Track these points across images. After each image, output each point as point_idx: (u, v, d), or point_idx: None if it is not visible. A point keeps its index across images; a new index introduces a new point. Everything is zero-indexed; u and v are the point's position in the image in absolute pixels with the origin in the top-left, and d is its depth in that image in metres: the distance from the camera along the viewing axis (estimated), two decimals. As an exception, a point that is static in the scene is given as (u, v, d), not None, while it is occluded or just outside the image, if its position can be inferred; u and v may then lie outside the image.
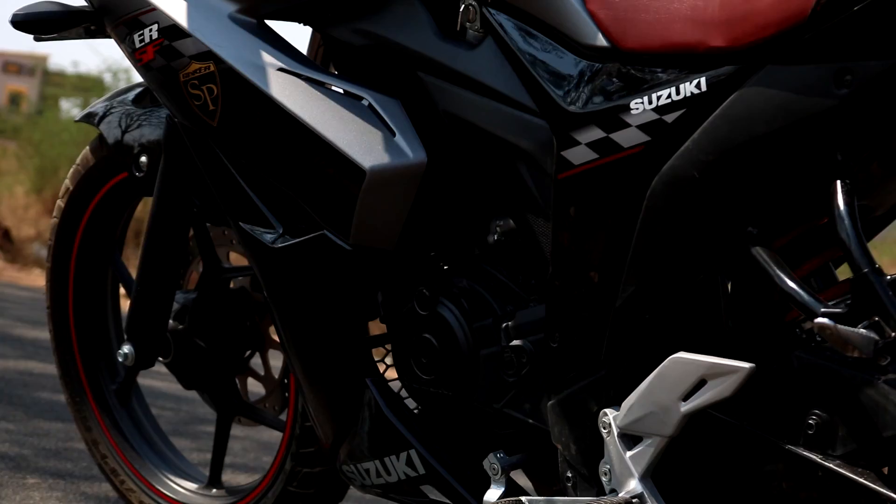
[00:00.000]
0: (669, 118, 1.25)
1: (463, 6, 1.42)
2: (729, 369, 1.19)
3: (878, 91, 1.14)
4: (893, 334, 1.11)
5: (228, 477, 1.96)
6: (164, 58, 1.61)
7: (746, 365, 1.18)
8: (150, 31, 1.62)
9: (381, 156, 1.46)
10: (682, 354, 1.22)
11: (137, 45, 1.65)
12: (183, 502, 1.92)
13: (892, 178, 1.24)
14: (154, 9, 1.62)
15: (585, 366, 1.34)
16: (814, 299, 1.17)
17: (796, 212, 1.25)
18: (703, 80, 1.23)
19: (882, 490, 1.14)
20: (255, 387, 1.88)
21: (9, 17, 1.80)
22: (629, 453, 1.27)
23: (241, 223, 1.61)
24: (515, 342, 1.40)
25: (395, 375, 1.56)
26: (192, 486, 1.95)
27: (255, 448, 2.59)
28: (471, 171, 1.46)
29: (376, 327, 1.59)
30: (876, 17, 1.12)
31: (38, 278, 6.56)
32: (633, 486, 1.26)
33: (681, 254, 1.27)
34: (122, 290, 2.07)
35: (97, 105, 1.99)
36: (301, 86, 1.52)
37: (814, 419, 1.19)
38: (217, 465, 1.94)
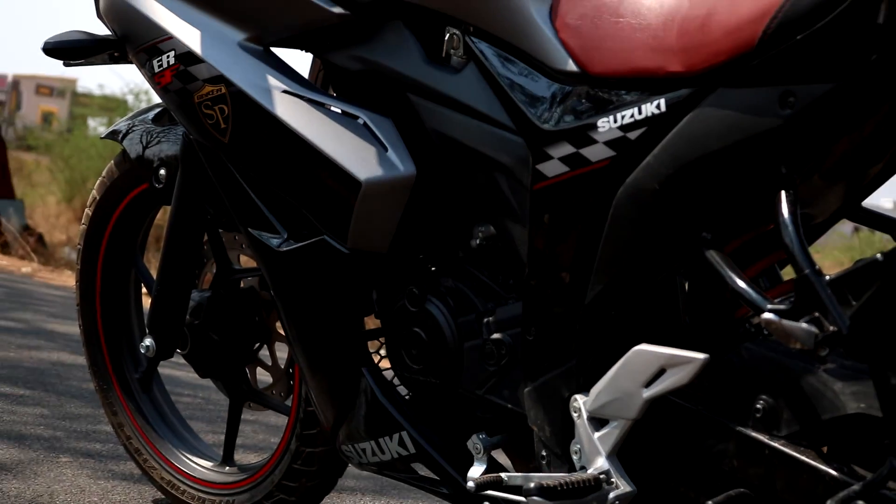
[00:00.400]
0: (633, 135, 1.25)
1: (448, 35, 1.43)
2: (686, 359, 1.20)
3: (818, 112, 1.15)
4: (832, 328, 1.11)
5: (240, 456, 1.96)
6: (181, 81, 1.61)
7: (701, 355, 1.19)
8: (168, 57, 1.62)
9: (375, 169, 1.46)
10: (644, 346, 1.23)
11: (156, 69, 1.64)
12: (199, 478, 1.92)
13: (831, 189, 1.25)
14: (171, 37, 1.62)
15: (558, 356, 1.34)
16: (761, 297, 1.17)
17: (746, 219, 1.25)
18: (662, 101, 1.23)
19: (821, 467, 1.14)
20: (263, 375, 1.88)
21: (42, 45, 1.80)
22: (597, 434, 1.27)
23: (249, 229, 1.61)
24: (496, 335, 1.40)
25: (389, 365, 1.56)
26: (207, 463, 1.94)
27: (264, 430, 2.59)
28: (455, 182, 1.46)
29: (371, 322, 1.59)
30: (816, 46, 1.13)
31: (68, 279, 6.55)
32: (601, 463, 1.26)
33: (643, 256, 1.27)
34: (143, 290, 2.07)
35: (121, 123, 1.99)
36: (303, 106, 1.52)
37: (761, 404, 1.19)
38: (230, 445, 1.94)
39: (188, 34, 1.60)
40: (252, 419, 2.54)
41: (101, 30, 1.80)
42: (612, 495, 1.24)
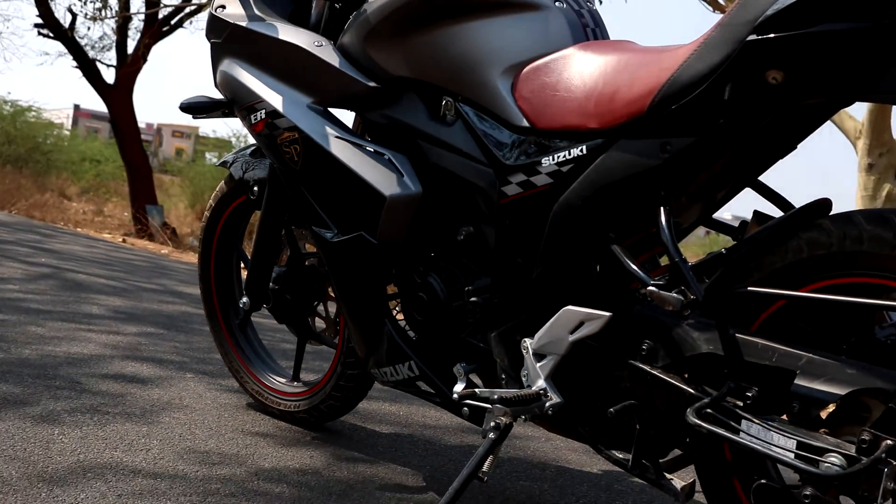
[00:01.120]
0: (564, 169, 1.25)
1: (444, 101, 1.42)
2: (597, 316, 1.20)
3: (685, 155, 1.15)
4: (692, 297, 1.12)
5: (303, 375, 1.96)
6: (269, 129, 1.60)
7: (607, 313, 1.20)
8: (261, 113, 1.62)
9: (395, 188, 1.46)
10: (570, 307, 1.23)
11: (253, 121, 1.64)
12: (277, 389, 1.92)
13: (693, 206, 1.25)
14: (262, 100, 1.61)
15: (513, 313, 1.34)
16: (647, 276, 1.17)
17: (637, 224, 1.25)
18: (584, 147, 1.23)
19: (684, 387, 1.15)
20: (319, 323, 1.88)
21: (178, 104, 1.81)
22: (538, 364, 1.27)
23: (312, 227, 1.60)
24: (473, 298, 1.40)
25: (402, 317, 1.56)
26: (282, 380, 1.94)
27: (320, 359, 2.59)
28: (447, 197, 1.46)
29: (391, 289, 1.59)
30: (684, 113, 1.13)
31: (192, 258, 6.53)
32: (541, 383, 1.26)
33: (570, 248, 1.27)
34: (242, 266, 2.06)
35: (228, 156, 1.98)
36: (348, 146, 1.52)
37: (646, 345, 1.20)
38: (297, 368, 1.94)
39: (274, 98, 1.60)
40: (312, 351, 2.53)
41: (216, 94, 1.79)
42: (547, 404, 1.25)
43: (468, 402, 1.37)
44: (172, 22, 9.77)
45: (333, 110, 1.61)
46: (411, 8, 1.42)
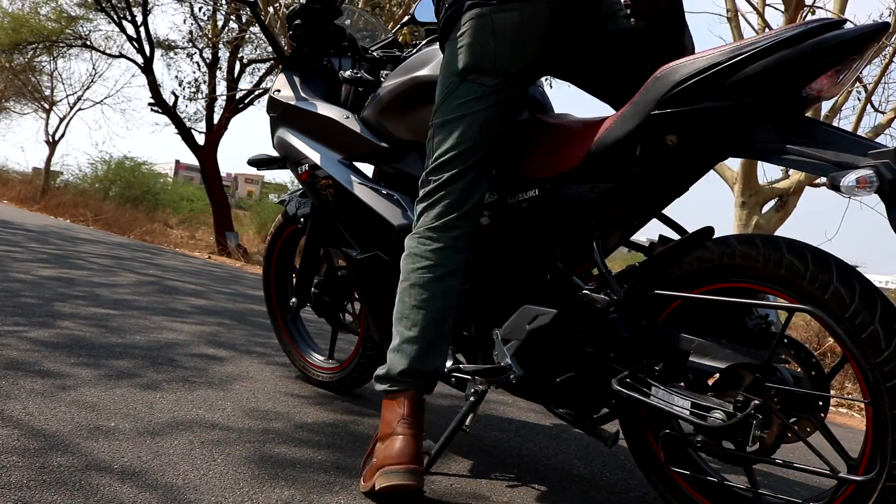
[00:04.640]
0: (524, 205, 1.25)
1: None
2: (547, 312, 1.19)
3: (609, 195, 1.15)
4: (615, 298, 1.11)
5: (336, 354, 1.94)
6: (311, 178, 1.60)
7: (554, 310, 1.18)
8: (305, 166, 1.61)
9: (401, 220, 1.45)
10: (528, 305, 1.22)
11: (299, 172, 1.63)
12: (317, 365, 1.90)
13: (615, 232, 1.23)
14: (306, 157, 1.60)
15: (487, 310, 1.33)
16: (582, 283, 1.16)
17: (575, 245, 1.24)
18: (537, 189, 1.23)
19: (608, 362, 1.13)
20: (348, 317, 1.86)
21: (247, 160, 1.80)
22: (505, 347, 1.26)
23: (342, 248, 1.59)
24: (458, 299, 1.38)
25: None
26: (321, 357, 1.92)
27: (348, 342, 2.57)
28: None
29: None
30: (607, 164, 1.13)
31: (258, 270, 6.49)
32: (507, 361, 1.25)
33: (527, 262, 1.26)
34: (293, 276, 2.05)
35: (284, 197, 1.97)
36: (368, 190, 1.51)
37: (583, 333, 1.18)
38: (331, 349, 1.92)
39: (315, 156, 1.59)
40: (343, 338, 2.52)
41: (274, 153, 1.79)
42: (512, 376, 1.23)
43: (455, 374, 1.36)
44: (245, 101, 9.84)
45: (358, 164, 1.60)
46: (411, 92, 1.42)
